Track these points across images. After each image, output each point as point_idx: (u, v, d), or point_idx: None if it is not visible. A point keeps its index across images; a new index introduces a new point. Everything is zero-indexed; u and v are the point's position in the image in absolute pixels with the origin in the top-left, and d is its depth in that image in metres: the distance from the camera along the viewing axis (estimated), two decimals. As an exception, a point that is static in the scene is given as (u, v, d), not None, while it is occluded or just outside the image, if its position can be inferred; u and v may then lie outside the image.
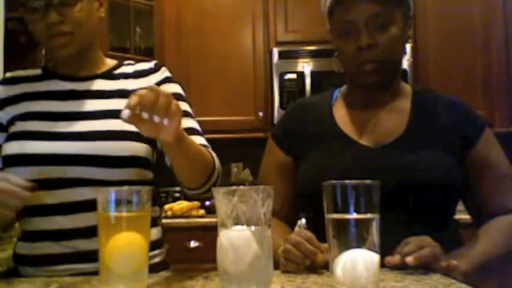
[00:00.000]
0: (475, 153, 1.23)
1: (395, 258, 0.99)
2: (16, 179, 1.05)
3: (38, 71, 1.30)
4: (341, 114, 1.30)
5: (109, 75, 1.27)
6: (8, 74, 1.31)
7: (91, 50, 1.26)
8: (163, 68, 1.30)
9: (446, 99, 1.29)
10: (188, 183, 1.18)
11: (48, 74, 1.28)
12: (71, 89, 1.24)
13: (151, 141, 1.23)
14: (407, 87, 1.32)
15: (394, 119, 1.26)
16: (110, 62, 1.31)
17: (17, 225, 1.24)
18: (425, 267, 0.98)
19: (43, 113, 1.21)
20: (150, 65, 1.30)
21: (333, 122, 1.29)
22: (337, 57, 1.27)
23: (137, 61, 1.33)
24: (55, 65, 1.29)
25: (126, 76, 1.27)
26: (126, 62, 1.32)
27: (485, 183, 1.23)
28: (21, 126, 1.21)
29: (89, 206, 1.03)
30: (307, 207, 1.22)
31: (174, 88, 1.27)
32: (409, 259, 0.97)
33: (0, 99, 1.26)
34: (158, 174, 1.29)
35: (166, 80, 1.28)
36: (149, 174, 1.24)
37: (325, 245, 0.92)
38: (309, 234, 1.04)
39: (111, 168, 1.15)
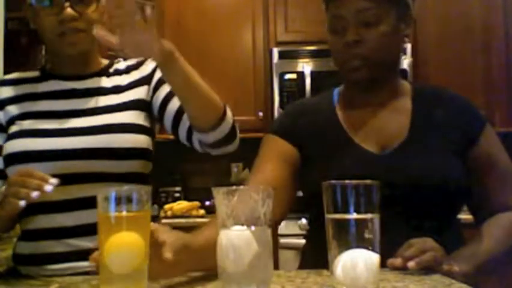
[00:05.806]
0: (477, 150, 1.21)
1: (397, 262, 0.99)
2: (40, 173, 1.02)
3: (36, 73, 1.31)
4: (344, 117, 1.28)
5: (105, 72, 1.30)
6: (7, 76, 1.33)
7: (92, 51, 1.29)
8: (149, 60, 1.32)
9: (446, 95, 1.28)
10: (196, 120, 1.18)
11: (47, 75, 1.29)
12: (72, 87, 1.26)
13: (150, 132, 1.26)
14: (406, 85, 1.31)
15: (397, 120, 1.24)
16: (104, 61, 1.34)
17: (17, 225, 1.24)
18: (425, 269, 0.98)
19: (45, 112, 1.22)
20: (137, 59, 1.33)
21: (338, 126, 1.26)
22: None
23: (138, 61, 1.35)
24: (55, 66, 1.30)
25: (120, 73, 1.31)
26: (116, 60, 1.34)
27: (487, 181, 1.22)
28: (22, 125, 1.21)
29: (91, 203, 1.03)
30: (312, 208, 1.22)
31: None
32: (411, 264, 0.97)
33: (0, 100, 1.26)
34: (158, 174, 1.30)
35: (155, 68, 1.29)
36: (150, 165, 1.27)
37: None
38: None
39: (115, 160, 1.17)
